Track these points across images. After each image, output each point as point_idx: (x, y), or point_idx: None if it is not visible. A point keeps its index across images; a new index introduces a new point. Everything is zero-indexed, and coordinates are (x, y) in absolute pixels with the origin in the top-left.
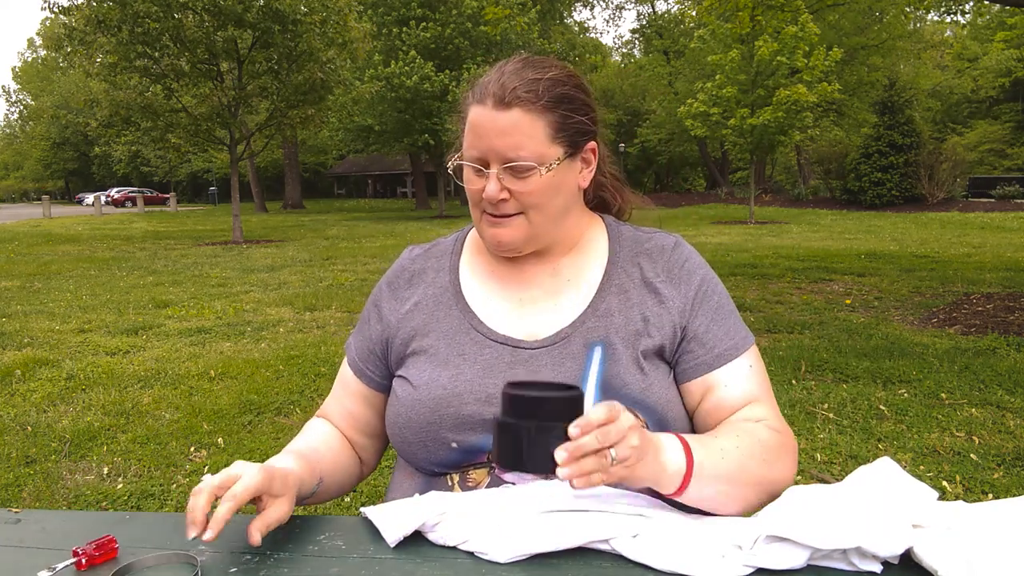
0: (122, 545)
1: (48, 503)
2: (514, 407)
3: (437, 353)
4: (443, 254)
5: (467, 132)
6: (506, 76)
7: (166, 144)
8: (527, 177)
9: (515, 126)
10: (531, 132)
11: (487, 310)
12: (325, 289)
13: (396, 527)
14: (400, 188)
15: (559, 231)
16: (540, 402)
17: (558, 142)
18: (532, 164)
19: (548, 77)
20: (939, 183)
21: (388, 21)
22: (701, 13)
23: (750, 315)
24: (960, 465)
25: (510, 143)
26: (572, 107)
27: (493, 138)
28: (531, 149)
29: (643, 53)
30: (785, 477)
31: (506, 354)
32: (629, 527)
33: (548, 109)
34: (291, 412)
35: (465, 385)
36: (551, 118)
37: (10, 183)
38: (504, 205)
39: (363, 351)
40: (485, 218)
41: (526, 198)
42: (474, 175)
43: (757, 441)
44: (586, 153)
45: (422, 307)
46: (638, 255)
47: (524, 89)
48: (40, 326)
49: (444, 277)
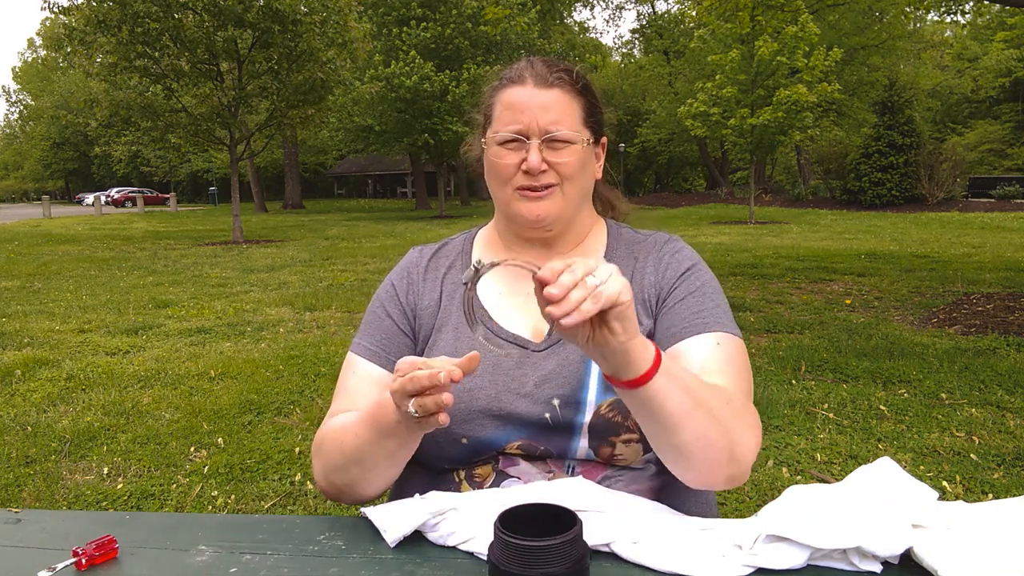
0: (122, 545)
1: (48, 503)
2: (508, 555)
3: (447, 349)
4: (455, 252)
5: (502, 112)
6: (540, 64)
7: (166, 144)
8: (565, 149)
9: (557, 102)
10: (570, 111)
11: (497, 308)
12: (325, 289)
13: (396, 527)
14: (400, 188)
15: (578, 215)
16: (539, 551)
17: (588, 127)
18: (573, 136)
19: (578, 69)
20: (939, 183)
21: (388, 21)
22: (701, 13)
23: (750, 315)
24: (960, 465)
25: (552, 118)
26: (596, 99)
27: (536, 111)
28: (569, 125)
29: (643, 53)
30: (746, 441)
31: (514, 353)
32: (630, 530)
33: (581, 94)
34: (291, 412)
35: (475, 381)
36: (584, 102)
37: (10, 183)
38: (543, 176)
39: (383, 340)
40: (519, 194)
41: (564, 168)
42: (508, 152)
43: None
44: (599, 148)
45: (437, 303)
46: (633, 251)
47: (564, 73)
48: (40, 326)
49: (457, 275)
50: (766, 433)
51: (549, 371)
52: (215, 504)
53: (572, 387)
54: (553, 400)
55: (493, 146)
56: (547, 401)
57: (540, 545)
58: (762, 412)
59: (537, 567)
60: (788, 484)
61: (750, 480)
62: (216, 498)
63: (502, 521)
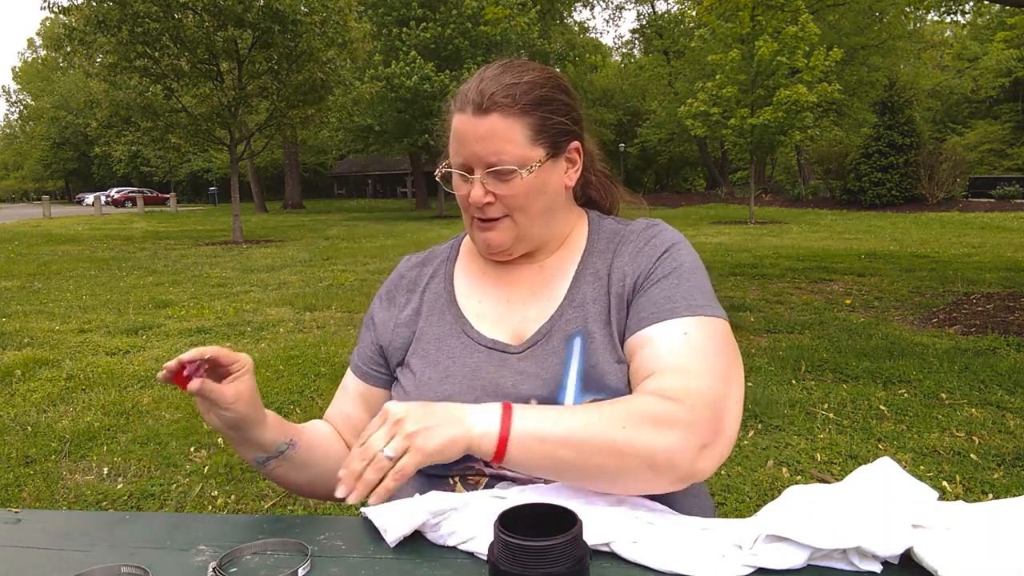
0: (122, 545)
1: (48, 503)
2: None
3: (428, 356)
4: (439, 260)
5: (451, 140)
6: (484, 82)
7: (166, 144)
8: (510, 180)
9: (493, 131)
10: (510, 136)
11: (478, 314)
12: (325, 289)
13: (396, 527)
14: (400, 188)
15: (548, 231)
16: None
17: (539, 144)
18: (513, 167)
19: (525, 81)
20: (939, 183)
21: (388, 21)
22: (701, 13)
23: (750, 315)
24: (960, 465)
25: (490, 148)
26: (551, 109)
27: (473, 144)
28: (511, 153)
29: (643, 53)
30: (669, 446)
31: (494, 358)
32: (629, 530)
33: (526, 112)
34: (291, 412)
35: (455, 387)
36: (530, 121)
37: (10, 183)
38: (490, 209)
39: (364, 354)
40: (475, 223)
41: (510, 200)
42: (461, 181)
43: (625, 409)
44: (570, 153)
45: (419, 313)
46: (615, 242)
47: (502, 95)
48: (40, 326)
49: (439, 283)
50: (766, 433)
51: (527, 373)
52: (215, 504)
53: (550, 388)
54: (531, 401)
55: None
56: (525, 402)
57: (540, 545)
58: (762, 412)
59: (537, 567)
60: (788, 484)
61: (750, 480)
62: (216, 498)
63: (502, 521)
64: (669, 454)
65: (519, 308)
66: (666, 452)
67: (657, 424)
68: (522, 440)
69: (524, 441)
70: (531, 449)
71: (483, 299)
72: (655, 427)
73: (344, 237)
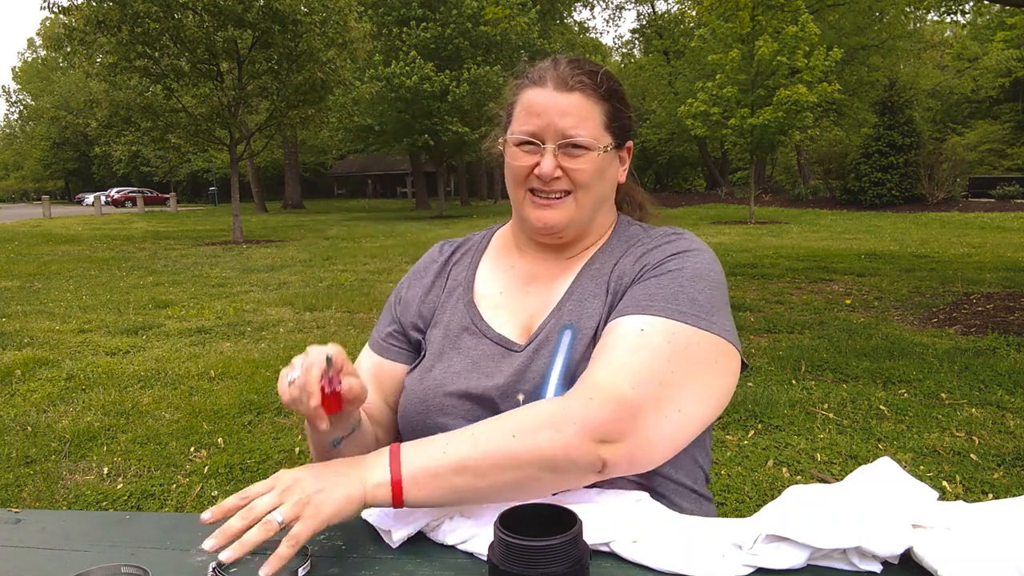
0: (122, 545)
1: (48, 503)
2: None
3: (434, 344)
4: (469, 250)
5: (520, 112)
6: (563, 65)
7: (166, 144)
8: (582, 156)
9: (576, 107)
10: (590, 116)
11: (492, 307)
12: (325, 289)
13: (398, 527)
14: (400, 188)
15: (594, 221)
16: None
17: (609, 132)
18: (590, 142)
19: (604, 72)
20: (939, 183)
21: (388, 21)
22: (701, 13)
23: (750, 315)
24: (960, 465)
25: (570, 122)
26: (622, 103)
27: (554, 116)
28: (589, 130)
29: (643, 53)
30: (556, 445)
31: (497, 353)
32: (629, 530)
33: (604, 99)
34: (291, 412)
35: (452, 377)
36: (607, 107)
37: (10, 183)
38: (556, 183)
39: (383, 330)
40: (531, 199)
41: (578, 175)
42: (524, 153)
43: (514, 418)
44: (624, 152)
45: (439, 299)
46: (630, 244)
47: (586, 76)
48: (40, 326)
49: (461, 272)
50: (766, 433)
51: (520, 368)
52: (215, 504)
53: (535, 383)
54: (519, 395)
55: (511, 146)
56: (514, 396)
57: (540, 545)
58: (762, 412)
59: (537, 567)
60: (788, 484)
61: (750, 480)
62: (216, 498)
63: (502, 521)
64: (565, 451)
65: (533, 303)
66: (562, 450)
67: (549, 425)
68: (415, 478)
69: (418, 479)
70: (427, 485)
71: (504, 291)
72: (547, 428)
73: (344, 237)
